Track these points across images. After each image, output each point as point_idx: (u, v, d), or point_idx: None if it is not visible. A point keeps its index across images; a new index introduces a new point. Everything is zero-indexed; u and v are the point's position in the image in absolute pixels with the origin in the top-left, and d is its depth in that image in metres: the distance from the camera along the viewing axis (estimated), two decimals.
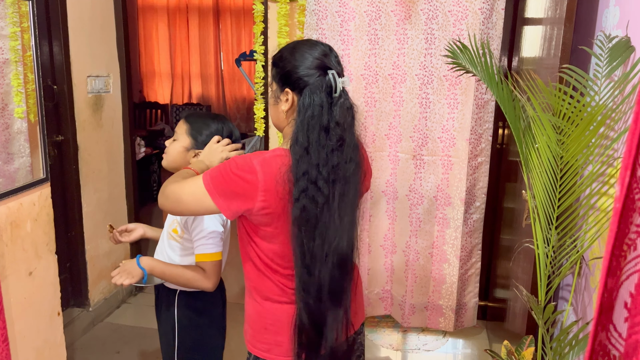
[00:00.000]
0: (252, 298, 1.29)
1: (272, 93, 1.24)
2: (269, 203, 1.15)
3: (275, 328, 1.26)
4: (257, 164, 1.14)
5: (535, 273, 1.61)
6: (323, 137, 1.13)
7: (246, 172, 1.14)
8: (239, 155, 1.25)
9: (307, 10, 2.51)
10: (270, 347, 1.27)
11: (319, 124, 1.13)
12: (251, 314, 1.31)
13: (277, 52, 1.24)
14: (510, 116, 1.52)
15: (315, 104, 1.13)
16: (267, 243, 1.21)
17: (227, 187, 1.14)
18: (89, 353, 2.61)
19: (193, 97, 6.82)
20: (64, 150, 2.70)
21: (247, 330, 1.33)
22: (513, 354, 1.71)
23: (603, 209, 1.41)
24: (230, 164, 1.16)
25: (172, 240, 1.58)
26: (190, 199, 1.18)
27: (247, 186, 1.13)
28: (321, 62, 1.17)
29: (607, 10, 1.67)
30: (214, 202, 1.15)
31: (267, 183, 1.13)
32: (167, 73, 6.76)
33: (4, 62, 1.77)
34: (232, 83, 6.74)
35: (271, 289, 1.25)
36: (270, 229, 1.19)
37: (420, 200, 2.60)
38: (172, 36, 6.66)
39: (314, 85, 1.15)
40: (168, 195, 1.21)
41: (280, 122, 1.25)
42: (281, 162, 1.15)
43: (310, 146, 1.12)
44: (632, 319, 0.57)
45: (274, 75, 1.23)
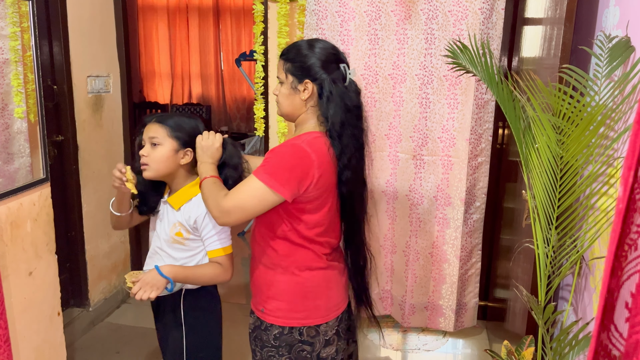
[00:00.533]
0: (287, 274, 1.43)
1: (288, 85, 1.41)
2: (323, 177, 1.35)
3: (313, 294, 1.43)
4: (306, 146, 1.33)
5: (535, 273, 1.61)
6: (349, 117, 1.39)
7: (301, 156, 1.32)
8: (280, 145, 1.39)
9: (307, 10, 2.51)
10: (308, 313, 1.43)
11: (345, 107, 1.38)
12: (287, 289, 1.43)
13: (291, 49, 1.42)
14: (510, 116, 1.52)
15: (339, 91, 1.38)
16: (312, 215, 1.39)
17: (288, 175, 1.30)
18: (89, 353, 2.61)
19: (193, 97, 6.82)
20: (64, 150, 2.70)
21: (278, 308, 1.43)
22: (513, 354, 1.71)
23: (603, 209, 1.41)
24: (281, 154, 1.34)
25: (176, 243, 1.56)
26: (255, 202, 1.32)
27: (305, 168, 1.32)
28: (336, 56, 1.41)
29: (607, 10, 1.67)
30: (279, 193, 1.31)
31: (319, 159, 1.34)
32: (167, 73, 6.75)
33: (4, 62, 1.76)
34: (232, 83, 6.74)
35: (310, 257, 1.43)
36: (318, 201, 1.38)
37: (420, 200, 2.60)
38: (172, 36, 6.66)
39: (333, 76, 1.38)
40: (230, 211, 1.33)
41: (296, 110, 1.43)
42: (324, 141, 1.37)
43: (344, 125, 1.37)
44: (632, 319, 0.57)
45: (289, 68, 1.40)
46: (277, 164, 1.32)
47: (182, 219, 1.53)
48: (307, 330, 1.43)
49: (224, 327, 1.71)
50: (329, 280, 1.47)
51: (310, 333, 1.44)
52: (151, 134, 1.50)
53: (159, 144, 1.50)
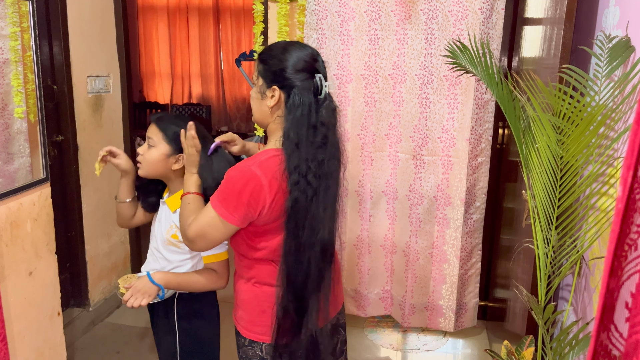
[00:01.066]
0: (249, 284, 1.36)
1: (257, 88, 1.29)
2: (277, 200, 1.23)
3: (273, 310, 1.32)
4: (256, 169, 1.21)
5: (535, 273, 1.61)
6: (311, 134, 1.22)
7: (249, 180, 1.20)
8: (233, 167, 1.26)
9: (307, 10, 2.51)
10: (267, 329, 1.33)
11: (307, 122, 1.21)
12: (247, 300, 1.37)
13: (267, 50, 1.30)
14: (510, 116, 1.52)
15: (305, 103, 1.22)
16: (273, 237, 1.28)
17: (237, 201, 1.21)
18: (89, 353, 2.61)
19: (193, 97, 6.82)
20: (64, 150, 2.70)
21: (241, 317, 1.39)
22: (513, 354, 1.71)
23: (603, 209, 1.41)
24: (231, 179, 1.22)
25: (171, 246, 1.55)
26: (212, 231, 1.25)
27: (254, 193, 1.20)
28: (311, 65, 1.25)
29: (607, 10, 1.67)
30: (230, 222, 1.23)
31: (271, 183, 1.21)
32: (167, 73, 6.76)
33: (4, 62, 1.76)
34: (232, 83, 6.74)
35: (272, 274, 1.31)
36: (276, 224, 1.26)
37: (420, 200, 2.60)
38: (172, 36, 6.66)
39: (302, 86, 1.23)
40: (194, 240, 1.28)
41: (264, 118, 1.31)
42: (279, 161, 1.22)
43: (300, 142, 1.21)
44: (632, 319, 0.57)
45: (260, 70, 1.28)
46: (228, 190, 1.22)
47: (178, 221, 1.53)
48: (266, 348, 1.35)
49: (225, 327, 1.70)
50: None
51: (270, 351, 1.35)
52: (149, 134, 1.50)
53: (154, 145, 1.50)
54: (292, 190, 1.21)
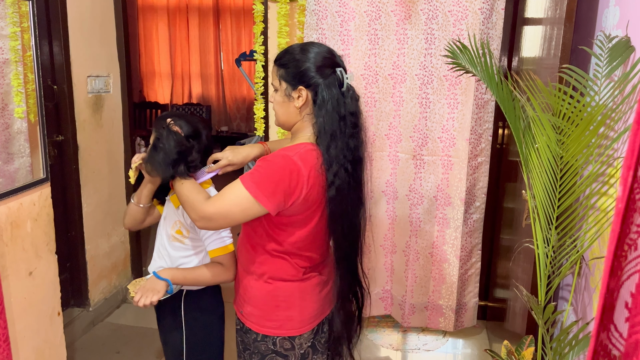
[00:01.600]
0: (261, 281, 1.38)
1: (282, 92, 1.33)
2: (311, 193, 1.27)
3: (286, 304, 1.38)
4: (298, 159, 1.26)
5: (535, 273, 1.61)
6: (343, 125, 1.29)
7: (291, 170, 1.24)
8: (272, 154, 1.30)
9: (307, 10, 2.51)
10: (281, 323, 1.38)
11: (338, 115, 1.28)
12: (259, 296, 1.39)
13: (284, 54, 1.34)
14: (510, 116, 1.52)
15: (333, 97, 1.28)
16: (296, 229, 1.32)
17: (274, 187, 1.23)
18: (89, 353, 2.62)
19: (193, 97, 6.82)
20: (64, 150, 2.70)
21: (252, 313, 1.41)
22: (513, 354, 1.71)
23: (603, 209, 1.41)
24: (271, 164, 1.25)
25: (175, 242, 1.56)
26: (238, 210, 1.25)
27: (293, 182, 1.24)
28: (331, 60, 1.32)
29: (607, 10, 1.67)
30: (264, 206, 1.24)
31: (310, 175, 1.26)
32: (167, 73, 6.76)
33: (4, 62, 1.77)
34: (232, 83, 6.75)
35: (286, 269, 1.36)
36: (302, 216, 1.31)
37: (420, 200, 2.60)
38: (172, 36, 6.66)
39: (328, 81, 1.29)
40: (212, 217, 1.26)
41: (291, 119, 1.35)
42: (316, 155, 1.28)
43: (335, 134, 1.28)
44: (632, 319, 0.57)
45: (282, 75, 1.32)
46: (266, 174, 1.24)
47: (182, 218, 1.54)
48: (280, 341, 1.39)
49: (227, 327, 1.70)
50: (303, 292, 1.39)
51: (284, 345, 1.39)
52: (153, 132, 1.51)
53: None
54: (335, 180, 1.27)
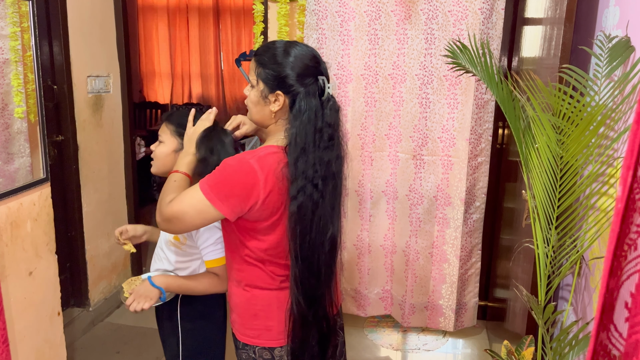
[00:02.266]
0: (240, 288, 1.34)
1: (258, 92, 1.25)
2: (270, 198, 1.20)
3: (264, 313, 1.32)
4: (254, 163, 1.19)
5: (535, 273, 1.61)
6: (318, 137, 1.21)
7: (246, 172, 1.18)
8: (231, 157, 1.24)
9: (307, 10, 2.51)
10: (259, 332, 1.34)
11: (313, 126, 1.20)
12: (239, 303, 1.36)
13: (265, 51, 1.25)
14: (510, 116, 1.52)
15: (311, 108, 1.20)
16: (263, 236, 1.26)
17: (229, 191, 1.18)
18: (89, 353, 2.62)
19: (193, 97, 6.82)
20: (64, 150, 2.70)
21: (235, 320, 1.38)
22: (513, 353, 1.71)
23: (603, 209, 1.41)
24: (227, 167, 1.19)
25: (172, 247, 1.55)
26: (194, 214, 1.20)
27: (248, 186, 1.18)
28: (314, 69, 1.23)
29: (607, 10, 1.67)
30: (218, 210, 1.18)
31: (267, 179, 1.19)
32: (167, 73, 6.76)
33: (4, 62, 1.77)
34: (232, 83, 6.74)
35: (262, 277, 1.31)
36: (268, 222, 1.24)
37: (420, 200, 2.60)
38: (172, 36, 6.66)
39: (308, 90, 1.21)
40: (169, 219, 1.22)
41: (265, 120, 1.28)
42: (278, 159, 1.21)
43: (307, 147, 1.19)
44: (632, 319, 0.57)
45: (261, 74, 1.24)
46: (222, 177, 1.19)
47: None
48: (259, 351, 1.34)
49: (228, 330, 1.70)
50: (281, 302, 1.31)
51: (263, 354, 1.34)
52: (160, 131, 1.52)
53: (163, 141, 1.51)
54: (297, 195, 1.19)
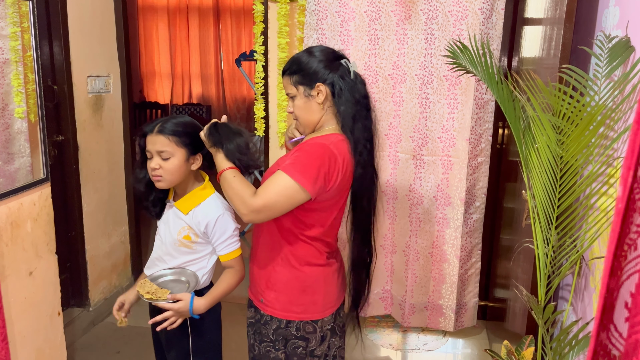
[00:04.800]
0: (288, 265, 1.44)
1: (301, 95, 1.42)
2: (343, 180, 1.38)
3: (312, 289, 1.45)
4: (334, 148, 1.36)
5: (535, 273, 1.61)
6: (359, 108, 1.42)
7: (329, 157, 1.34)
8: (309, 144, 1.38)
9: (307, 10, 2.51)
10: (306, 307, 1.45)
11: (354, 99, 1.40)
12: (285, 281, 1.45)
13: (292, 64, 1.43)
14: (510, 116, 1.52)
15: (348, 85, 1.40)
16: (321, 214, 1.42)
17: (317, 172, 1.31)
18: (89, 353, 2.62)
19: (193, 97, 6.82)
20: (64, 150, 2.70)
21: (276, 299, 1.45)
22: (513, 353, 1.71)
23: (603, 209, 1.41)
24: (312, 152, 1.34)
25: (182, 247, 1.56)
26: (284, 200, 1.32)
27: (332, 167, 1.34)
28: (335, 53, 1.44)
29: (607, 10, 1.67)
30: (308, 191, 1.31)
31: (344, 163, 1.37)
32: (167, 73, 6.76)
33: (4, 62, 1.77)
34: (232, 83, 6.74)
35: (312, 253, 1.44)
36: (330, 202, 1.41)
37: (420, 200, 2.60)
38: (172, 36, 6.66)
39: (339, 73, 1.40)
40: (260, 210, 1.31)
41: (315, 116, 1.43)
42: (347, 144, 1.40)
43: (356, 117, 1.40)
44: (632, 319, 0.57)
45: (297, 80, 1.41)
46: (308, 161, 1.32)
47: (192, 223, 1.53)
48: (304, 326, 1.45)
49: (224, 327, 1.71)
50: (327, 277, 1.48)
51: (307, 329, 1.46)
52: (159, 148, 1.47)
53: (170, 156, 1.47)
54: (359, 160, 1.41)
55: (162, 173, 1.48)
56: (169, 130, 1.47)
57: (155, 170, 1.48)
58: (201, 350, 1.62)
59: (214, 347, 1.66)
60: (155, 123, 1.50)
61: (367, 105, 1.44)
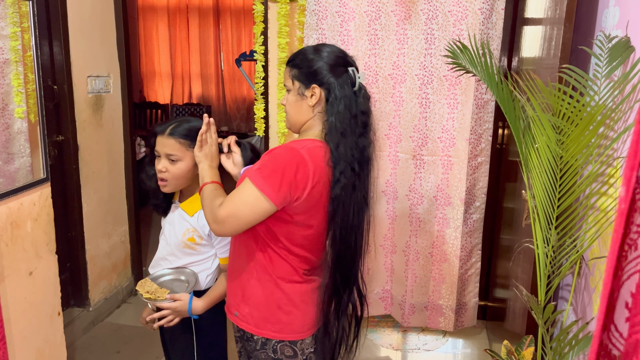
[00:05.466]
0: (263, 279, 1.34)
1: (295, 91, 1.33)
2: (314, 190, 1.24)
3: (288, 307, 1.34)
4: (305, 153, 1.23)
5: (535, 273, 1.61)
6: (354, 123, 1.29)
7: (298, 162, 1.22)
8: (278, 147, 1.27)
9: (307, 10, 2.51)
10: (282, 326, 1.34)
11: (349, 113, 1.28)
12: (260, 295, 1.34)
13: (297, 55, 1.34)
14: (510, 116, 1.52)
15: (346, 96, 1.28)
16: (297, 228, 1.29)
17: (282, 180, 1.20)
18: (89, 353, 2.62)
19: (193, 97, 6.82)
20: (64, 150, 2.70)
21: (250, 314, 1.35)
22: (513, 353, 1.71)
23: (603, 209, 1.41)
24: (278, 156, 1.23)
25: (187, 248, 1.56)
26: (247, 210, 1.21)
27: (299, 174, 1.21)
28: (343, 60, 1.32)
29: (607, 10, 1.67)
30: (271, 200, 1.20)
31: (315, 170, 1.24)
32: (167, 73, 6.76)
33: (4, 62, 1.77)
34: (232, 83, 6.74)
35: (287, 270, 1.33)
36: (305, 216, 1.28)
37: (420, 200, 2.60)
38: (172, 36, 6.66)
39: (341, 80, 1.29)
40: (224, 220, 1.22)
41: (302, 117, 1.34)
42: (323, 152, 1.27)
43: (345, 132, 1.27)
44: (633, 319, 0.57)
45: (296, 75, 1.32)
46: (272, 167, 1.21)
47: (197, 225, 1.52)
48: (281, 347, 1.34)
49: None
50: (304, 295, 1.36)
51: (285, 351, 1.35)
52: (168, 151, 1.46)
53: (179, 159, 1.47)
54: (340, 178, 1.26)
55: (167, 177, 1.47)
56: (180, 134, 1.46)
57: (161, 172, 1.48)
58: (204, 350, 1.62)
59: (217, 347, 1.66)
60: (168, 125, 1.49)
61: (364, 122, 1.31)
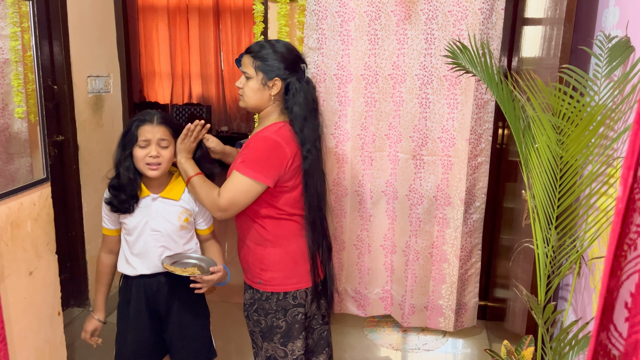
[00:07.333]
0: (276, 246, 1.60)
1: (258, 81, 1.57)
2: (294, 161, 1.55)
3: (303, 259, 1.62)
4: (276, 137, 1.53)
5: (535, 273, 1.61)
6: (311, 111, 1.59)
7: (274, 146, 1.51)
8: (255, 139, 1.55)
9: (307, 10, 2.51)
10: (300, 277, 1.62)
11: (307, 102, 1.58)
12: (279, 259, 1.60)
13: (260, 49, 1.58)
14: (510, 116, 1.52)
15: (304, 87, 1.58)
16: (290, 193, 1.58)
17: (269, 165, 1.50)
18: (89, 353, 2.61)
19: (193, 97, 6.82)
20: (65, 150, 2.70)
21: (273, 277, 1.60)
22: (513, 353, 1.71)
23: (603, 208, 1.41)
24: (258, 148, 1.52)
25: (183, 230, 1.66)
26: (244, 196, 1.51)
27: (281, 156, 1.52)
28: (298, 56, 1.62)
29: (607, 10, 1.67)
30: (264, 183, 1.51)
31: (289, 146, 1.54)
32: (167, 73, 6.76)
33: (4, 62, 1.77)
34: (232, 83, 6.75)
35: (293, 227, 1.62)
36: (292, 181, 1.58)
37: (420, 200, 2.60)
38: (172, 36, 6.66)
39: (298, 74, 1.59)
40: (227, 208, 1.53)
41: (263, 103, 1.61)
42: (287, 129, 1.56)
43: (307, 117, 1.58)
44: (632, 319, 0.57)
45: (260, 66, 1.56)
46: (256, 157, 1.51)
47: (187, 205, 1.66)
48: (299, 294, 1.62)
49: (224, 327, 1.73)
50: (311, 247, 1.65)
51: (302, 296, 1.63)
52: (160, 136, 1.59)
53: (169, 145, 1.61)
54: (308, 156, 1.56)
55: (161, 161, 1.59)
56: (169, 122, 1.63)
57: (155, 157, 1.58)
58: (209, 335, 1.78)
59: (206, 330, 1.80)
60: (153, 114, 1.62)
61: (316, 108, 1.62)
